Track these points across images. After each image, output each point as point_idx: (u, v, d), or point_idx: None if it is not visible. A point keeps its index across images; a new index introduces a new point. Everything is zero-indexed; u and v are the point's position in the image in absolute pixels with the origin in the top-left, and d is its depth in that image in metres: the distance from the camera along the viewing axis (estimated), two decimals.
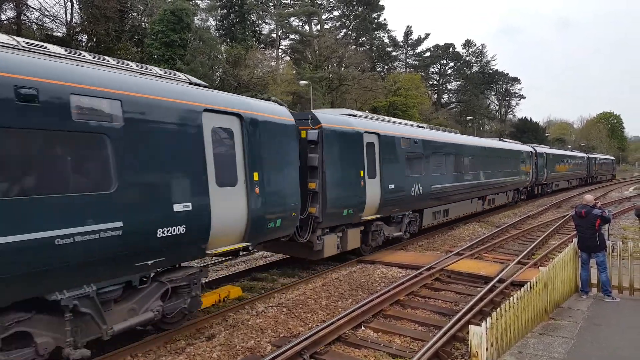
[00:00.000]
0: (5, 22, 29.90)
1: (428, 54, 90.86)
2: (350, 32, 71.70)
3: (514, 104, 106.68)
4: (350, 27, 71.86)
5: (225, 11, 45.63)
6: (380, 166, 13.07)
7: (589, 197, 9.29)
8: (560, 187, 39.89)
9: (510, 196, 27.22)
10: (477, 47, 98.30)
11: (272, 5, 59.24)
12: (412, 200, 14.81)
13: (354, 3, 70.46)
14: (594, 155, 57.86)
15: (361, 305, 8.70)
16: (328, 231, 11.55)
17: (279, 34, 60.02)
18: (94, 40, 33.50)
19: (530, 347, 6.56)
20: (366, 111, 45.56)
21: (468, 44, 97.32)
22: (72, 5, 33.60)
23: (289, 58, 59.67)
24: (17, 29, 28.92)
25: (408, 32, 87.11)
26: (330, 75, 50.21)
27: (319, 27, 62.26)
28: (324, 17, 67.12)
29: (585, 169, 49.37)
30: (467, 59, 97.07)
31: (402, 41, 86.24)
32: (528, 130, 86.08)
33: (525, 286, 7.01)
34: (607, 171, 63.53)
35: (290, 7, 62.35)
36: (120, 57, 31.05)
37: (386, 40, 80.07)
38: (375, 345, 7.25)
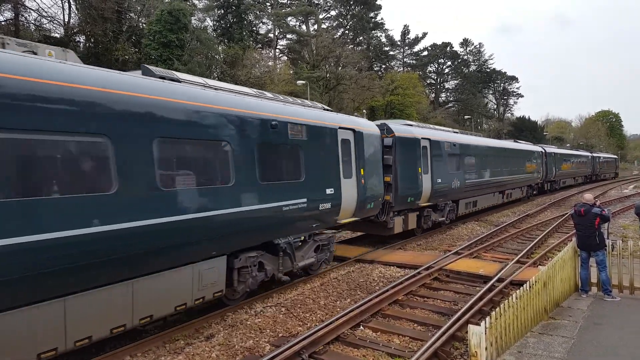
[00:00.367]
0: (3, 23, 29.81)
1: (425, 53, 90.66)
2: (347, 32, 71.67)
3: (512, 103, 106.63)
4: (348, 27, 71.85)
5: (223, 11, 45.53)
6: (431, 164, 16.38)
7: (588, 196, 9.25)
8: (567, 184, 42.95)
9: (525, 191, 30.13)
10: (475, 46, 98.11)
11: (269, 5, 59.19)
12: (453, 192, 18.25)
13: (351, 2, 70.40)
14: (598, 154, 59.97)
15: (360, 304, 8.69)
16: (397, 214, 14.90)
17: (276, 33, 59.97)
18: (92, 41, 33.38)
19: (530, 346, 6.53)
20: (364, 111, 45.48)
21: (466, 42, 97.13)
22: (69, 6, 33.53)
23: (286, 58, 59.63)
24: (15, 30, 28.82)
25: (405, 31, 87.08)
26: (328, 75, 50.05)
27: (316, 26, 62.11)
28: (321, 16, 67.08)
29: (589, 167, 51.61)
30: (465, 57, 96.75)
31: (399, 40, 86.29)
32: (526, 129, 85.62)
33: (524, 285, 6.98)
34: (610, 169, 64.46)
35: (287, 6, 62.35)
36: (117, 58, 31.05)
37: (383, 39, 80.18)
38: (374, 345, 7.24)
